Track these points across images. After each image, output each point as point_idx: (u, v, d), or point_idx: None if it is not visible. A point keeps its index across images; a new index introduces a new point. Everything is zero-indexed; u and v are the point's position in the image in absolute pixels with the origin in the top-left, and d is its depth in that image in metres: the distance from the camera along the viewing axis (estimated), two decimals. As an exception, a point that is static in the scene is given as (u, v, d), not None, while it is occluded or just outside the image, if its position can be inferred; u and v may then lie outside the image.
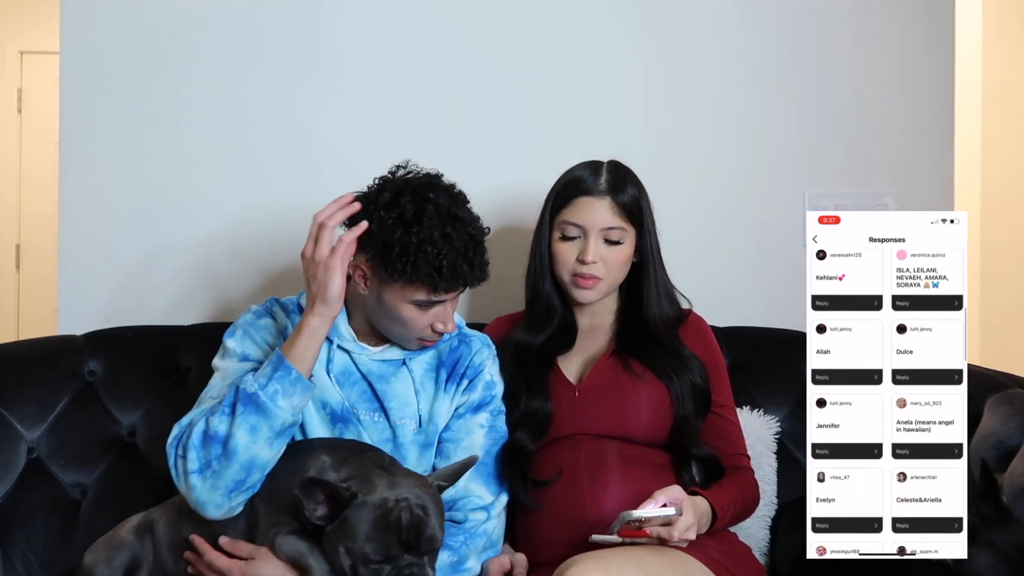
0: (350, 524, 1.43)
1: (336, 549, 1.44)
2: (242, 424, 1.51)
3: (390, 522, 1.43)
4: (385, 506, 1.44)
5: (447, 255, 1.56)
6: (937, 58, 2.33)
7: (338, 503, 1.44)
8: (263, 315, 1.74)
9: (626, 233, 1.78)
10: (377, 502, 1.44)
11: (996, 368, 1.93)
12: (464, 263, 1.59)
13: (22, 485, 1.89)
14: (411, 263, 1.56)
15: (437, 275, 1.56)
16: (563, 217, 1.78)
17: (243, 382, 1.55)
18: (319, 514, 1.45)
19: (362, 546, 1.42)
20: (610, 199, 1.77)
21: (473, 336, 1.79)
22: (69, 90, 2.20)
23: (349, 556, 1.43)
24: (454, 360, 1.74)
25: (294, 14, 2.22)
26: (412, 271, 1.56)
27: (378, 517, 1.43)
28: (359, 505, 1.44)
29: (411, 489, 1.47)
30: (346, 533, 1.43)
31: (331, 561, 1.47)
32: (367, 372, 1.70)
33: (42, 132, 4.51)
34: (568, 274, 1.78)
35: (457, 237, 1.58)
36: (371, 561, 1.43)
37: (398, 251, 1.56)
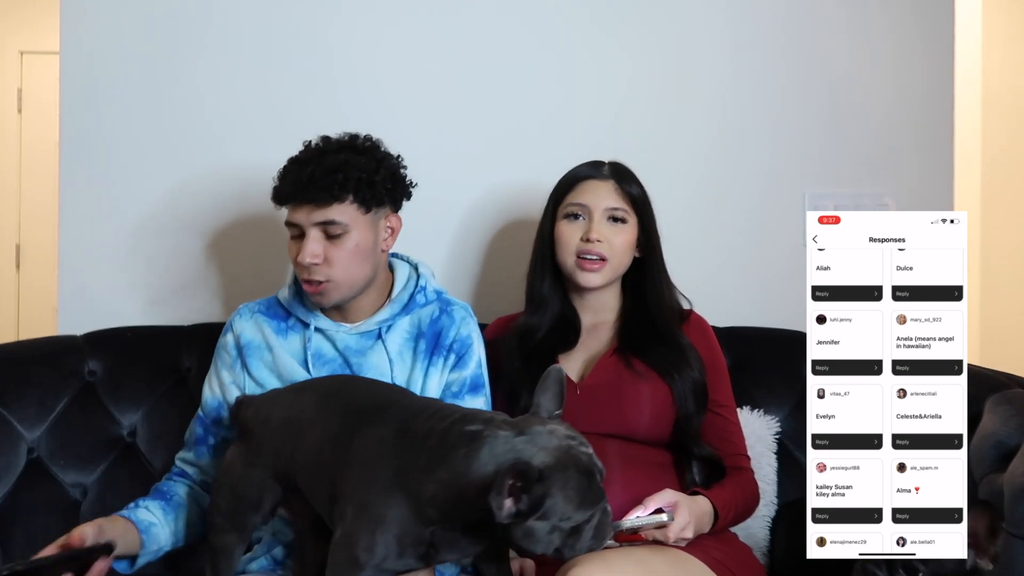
0: (552, 501, 1.25)
1: (536, 538, 1.27)
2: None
3: (581, 471, 1.28)
4: (570, 457, 1.28)
5: (289, 169, 1.68)
6: (937, 58, 2.33)
7: (522, 487, 1.24)
8: (226, 331, 1.80)
9: (630, 216, 1.79)
10: (559, 461, 1.26)
11: (996, 368, 1.93)
12: (301, 174, 1.64)
13: (22, 485, 1.89)
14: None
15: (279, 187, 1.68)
16: (567, 200, 1.80)
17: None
18: (507, 512, 1.24)
19: (573, 515, 1.26)
20: (614, 182, 1.80)
21: (455, 304, 1.78)
22: (69, 90, 2.20)
23: (559, 534, 1.27)
24: (436, 331, 1.73)
25: (293, 14, 2.22)
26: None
27: (575, 476, 1.27)
28: (548, 476, 1.25)
29: (553, 427, 1.31)
30: (551, 512, 1.25)
31: (519, 551, 1.34)
32: (344, 348, 1.72)
33: (42, 132, 4.51)
34: (571, 256, 1.78)
35: (304, 155, 1.69)
36: (583, 524, 1.28)
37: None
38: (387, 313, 1.73)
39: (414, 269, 1.82)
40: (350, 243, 1.65)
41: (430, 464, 1.33)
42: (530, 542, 1.28)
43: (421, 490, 1.32)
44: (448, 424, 1.36)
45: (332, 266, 1.64)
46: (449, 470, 1.31)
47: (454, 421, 1.36)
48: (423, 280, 1.78)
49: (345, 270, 1.65)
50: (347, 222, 1.64)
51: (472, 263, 2.23)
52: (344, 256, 1.65)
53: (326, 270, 1.64)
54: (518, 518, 1.25)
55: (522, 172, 2.18)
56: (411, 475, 1.34)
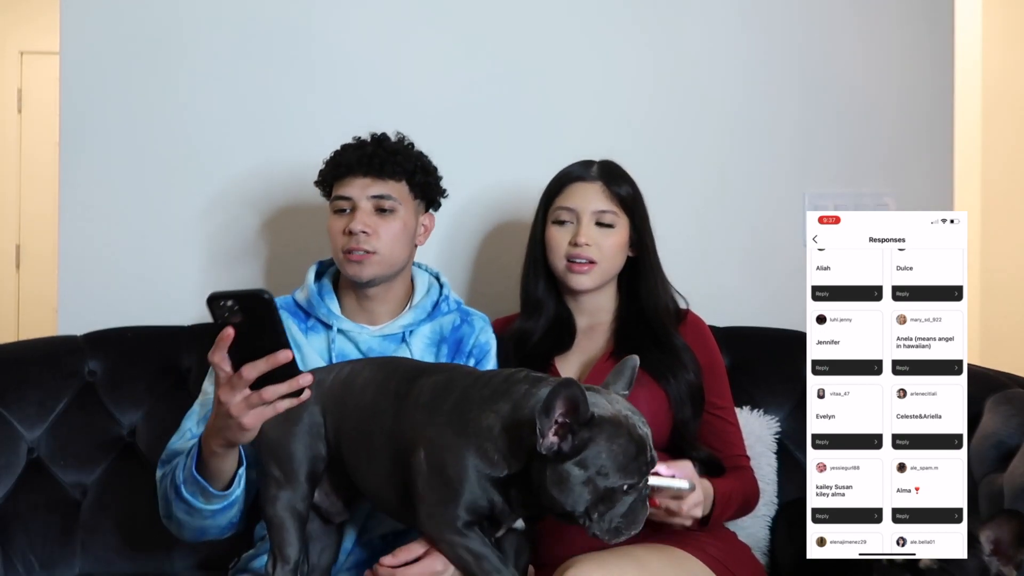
0: (595, 448, 1.23)
1: (568, 486, 1.25)
2: (178, 508, 1.56)
3: (633, 439, 1.25)
4: (626, 422, 1.26)
5: (347, 149, 1.75)
6: (937, 58, 2.33)
7: (570, 426, 1.24)
8: None
9: (618, 219, 1.78)
10: (613, 418, 1.25)
11: (996, 368, 1.93)
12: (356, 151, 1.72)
13: (22, 485, 1.89)
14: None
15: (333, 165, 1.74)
16: (555, 204, 1.80)
17: (175, 468, 1.56)
18: (550, 443, 1.23)
19: (611, 473, 1.24)
20: (601, 183, 1.79)
21: (474, 314, 1.83)
22: (69, 90, 2.20)
23: (592, 490, 1.25)
24: (457, 338, 1.78)
25: (293, 14, 2.22)
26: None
27: (625, 438, 1.25)
28: (598, 424, 1.24)
29: (618, 399, 1.30)
30: (590, 461, 1.24)
31: (549, 504, 1.28)
32: (368, 351, 1.73)
33: (42, 132, 4.51)
34: (561, 260, 1.78)
35: (364, 140, 1.75)
36: (617, 493, 1.25)
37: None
38: (411, 318, 1.77)
39: (435, 278, 1.86)
40: (398, 221, 1.72)
41: (492, 398, 1.36)
42: (562, 490, 1.26)
43: (482, 422, 1.34)
44: (514, 371, 1.42)
45: (379, 239, 1.70)
46: (510, 402, 1.34)
47: (520, 370, 1.42)
48: (446, 290, 1.83)
49: (389, 246, 1.71)
50: (399, 199, 1.73)
51: (465, 263, 2.23)
52: (391, 232, 1.71)
53: (374, 241, 1.70)
54: (558, 458, 1.24)
55: (520, 172, 2.17)
56: (473, 407, 1.36)
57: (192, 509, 1.54)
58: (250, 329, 1.31)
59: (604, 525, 1.28)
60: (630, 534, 1.31)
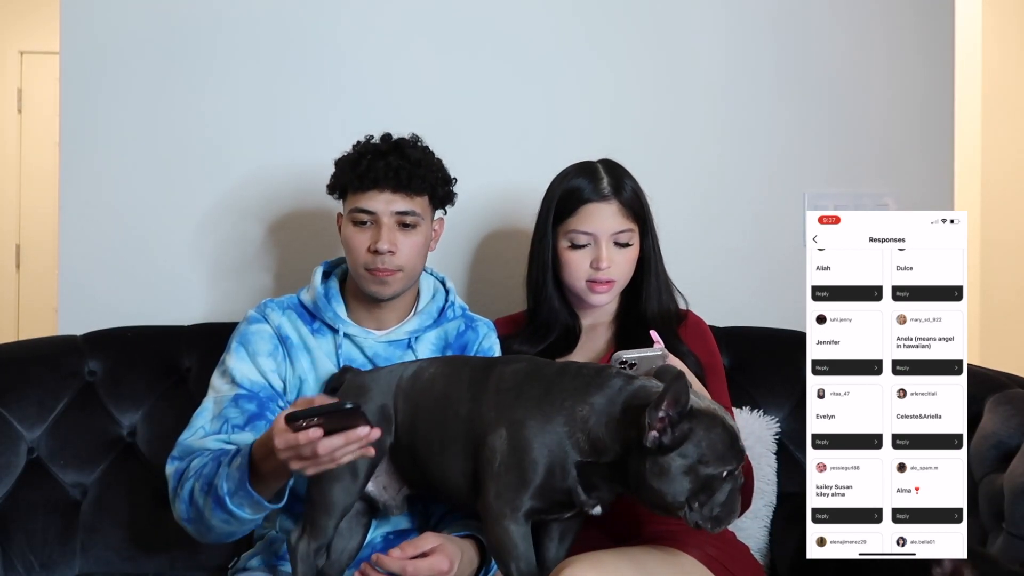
0: (695, 438, 1.29)
1: (669, 476, 1.30)
2: (216, 516, 1.54)
3: (727, 429, 1.31)
4: (719, 413, 1.32)
5: (367, 157, 1.67)
6: (937, 58, 2.33)
7: (670, 419, 1.29)
8: (257, 320, 1.75)
9: (634, 234, 1.78)
10: (708, 409, 1.32)
11: (996, 368, 1.93)
12: (381, 162, 1.65)
13: (22, 485, 1.89)
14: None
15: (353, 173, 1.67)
16: (570, 226, 1.77)
17: (218, 477, 1.52)
18: (653, 439, 1.29)
19: (711, 461, 1.29)
20: (616, 202, 1.76)
21: (479, 320, 1.83)
22: (69, 90, 2.20)
23: (692, 479, 1.29)
24: (462, 344, 1.78)
25: (293, 14, 2.22)
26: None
27: (721, 427, 1.31)
28: (696, 416, 1.30)
29: (701, 391, 1.38)
30: (690, 451, 1.29)
31: (650, 496, 1.32)
32: (373, 356, 1.73)
33: (42, 132, 4.51)
34: (581, 281, 1.77)
35: (383, 146, 1.68)
36: (717, 480, 1.30)
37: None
38: (416, 324, 1.76)
39: (440, 283, 1.85)
40: (420, 236, 1.71)
41: (585, 388, 1.40)
42: (664, 481, 1.30)
43: (575, 410, 1.38)
44: (604, 365, 1.46)
45: (402, 255, 1.68)
46: (605, 395, 1.38)
47: (608, 366, 1.46)
48: (452, 296, 1.82)
49: (412, 261, 1.70)
50: (422, 214, 1.70)
51: (465, 264, 2.23)
52: (413, 247, 1.70)
53: (398, 259, 1.68)
54: (660, 451, 1.29)
55: (520, 172, 2.17)
56: (565, 396, 1.40)
57: (234, 519, 1.53)
58: (327, 423, 1.35)
59: (706, 513, 1.33)
60: (730, 522, 1.36)
